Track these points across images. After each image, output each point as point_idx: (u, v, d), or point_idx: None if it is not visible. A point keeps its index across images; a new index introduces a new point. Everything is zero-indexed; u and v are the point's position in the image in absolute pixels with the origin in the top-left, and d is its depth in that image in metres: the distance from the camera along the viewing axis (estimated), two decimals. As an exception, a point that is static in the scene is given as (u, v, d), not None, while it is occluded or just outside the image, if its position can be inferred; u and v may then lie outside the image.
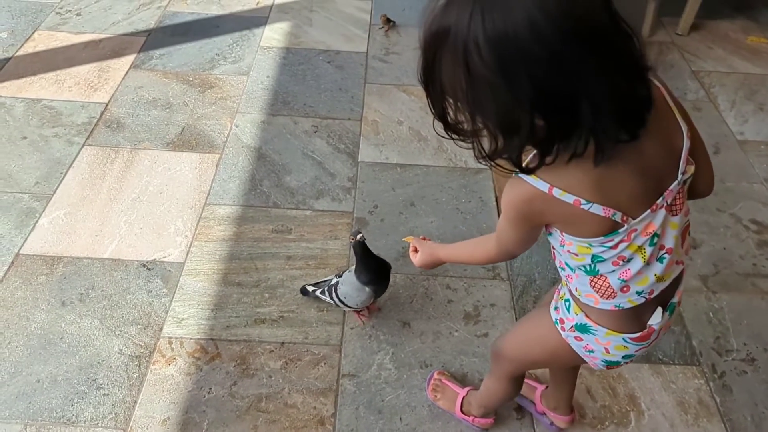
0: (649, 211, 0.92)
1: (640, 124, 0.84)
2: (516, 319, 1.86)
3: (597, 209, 0.88)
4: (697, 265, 2.04)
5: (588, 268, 1.00)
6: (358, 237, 1.63)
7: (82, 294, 1.88)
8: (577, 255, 0.99)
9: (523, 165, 0.87)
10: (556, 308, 1.16)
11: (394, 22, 3.17)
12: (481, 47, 0.73)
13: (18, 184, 2.22)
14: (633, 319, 1.06)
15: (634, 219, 0.91)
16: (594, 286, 1.02)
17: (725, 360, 1.79)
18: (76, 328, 1.79)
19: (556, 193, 0.87)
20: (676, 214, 0.96)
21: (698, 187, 1.03)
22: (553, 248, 1.06)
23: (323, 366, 1.73)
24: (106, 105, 2.60)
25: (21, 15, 3.12)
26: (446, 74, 0.79)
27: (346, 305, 1.75)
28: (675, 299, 1.10)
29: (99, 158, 2.34)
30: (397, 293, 1.92)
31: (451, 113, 0.86)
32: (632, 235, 0.93)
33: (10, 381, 1.66)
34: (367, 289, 1.68)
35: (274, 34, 3.09)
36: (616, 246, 0.94)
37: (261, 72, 2.83)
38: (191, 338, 1.78)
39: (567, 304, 1.12)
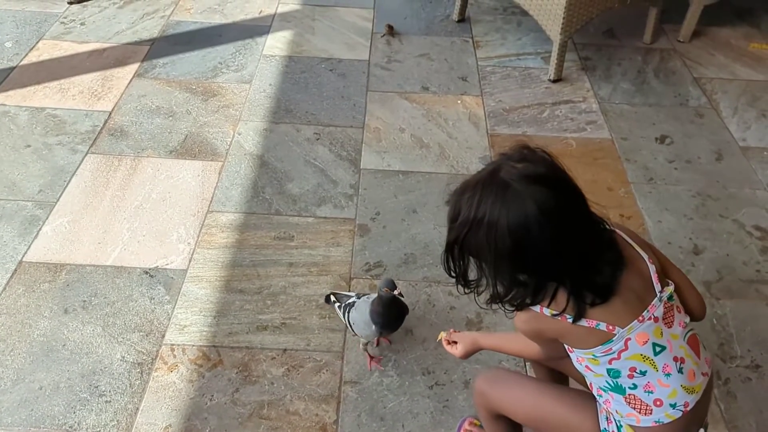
0: (636, 321, 1.08)
1: (611, 290, 1.08)
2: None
3: (582, 322, 1.08)
4: (701, 272, 2.04)
5: (612, 384, 1.14)
6: (396, 292, 1.59)
7: (84, 301, 1.88)
8: (593, 371, 1.14)
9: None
10: (607, 419, 1.20)
11: (393, 27, 3.19)
12: (504, 235, 1.03)
13: (22, 191, 2.23)
14: None
15: (622, 328, 1.08)
16: (630, 404, 1.14)
17: (729, 367, 1.78)
18: (78, 336, 1.79)
19: (546, 312, 1.10)
20: (671, 326, 1.12)
21: (689, 306, 1.20)
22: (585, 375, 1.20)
23: (325, 373, 1.73)
24: (110, 113, 2.61)
25: (25, 24, 3.14)
26: (476, 244, 1.07)
27: (352, 330, 1.73)
28: (707, 418, 1.21)
29: (102, 166, 2.35)
30: (400, 300, 1.92)
31: (472, 273, 1.14)
32: (629, 344, 1.09)
33: (13, 388, 1.66)
34: (374, 327, 1.65)
35: (276, 43, 3.11)
36: (618, 355, 1.09)
37: (263, 80, 2.85)
38: (193, 345, 1.78)
39: (619, 424, 1.18)
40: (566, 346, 1.18)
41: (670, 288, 1.14)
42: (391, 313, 1.65)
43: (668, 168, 2.46)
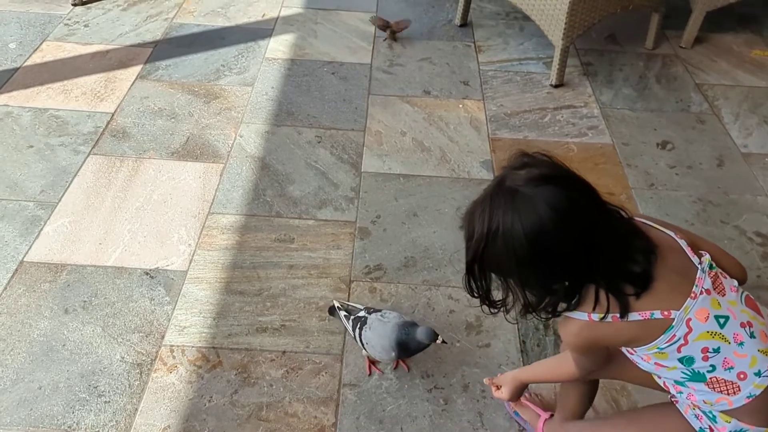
0: (689, 299, 1.05)
1: (650, 276, 1.05)
2: (518, 330, 1.85)
3: (634, 316, 1.05)
4: (701, 277, 2.04)
5: (689, 374, 1.10)
6: (438, 341, 1.60)
7: (85, 301, 1.88)
8: (665, 366, 1.11)
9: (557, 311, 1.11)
10: (697, 416, 1.16)
11: (389, 22, 3.18)
12: (522, 242, 1.01)
13: (24, 192, 2.24)
14: None
15: (678, 310, 1.05)
16: (715, 388, 1.10)
17: (729, 372, 1.77)
18: (78, 336, 1.79)
19: (595, 317, 1.06)
20: (724, 294, 1.09)
21: (729, 272, 1.16)
22: (656, 377, 1.18)
23: (324, 375, 1.73)
24: (112, 115, 2.62)
25: (30, 26, 3.16)
26: (496, 258, 1.04)
27: (363, 348, 1.70)
28: None
29: (104, 167, 2.36)
30: (400, 303, 1.92)
31: (498, 289, 1.11)
32: (691, 324, 1.05)
33: (12, 387, 1.67)
34: (393, 354, 1.64)
35: (279, 46, 3.12)
36: (685, 340, 1.06)
37: (266, 83, 2.85)
38: (193, 346, 1.78)
39: (711, 415, 1.14)
40: (625, 350, 1.14)
41: (707, 257, 1.11)
42: (412, 349, 1.65)
43: (669, 173, 2.46)
